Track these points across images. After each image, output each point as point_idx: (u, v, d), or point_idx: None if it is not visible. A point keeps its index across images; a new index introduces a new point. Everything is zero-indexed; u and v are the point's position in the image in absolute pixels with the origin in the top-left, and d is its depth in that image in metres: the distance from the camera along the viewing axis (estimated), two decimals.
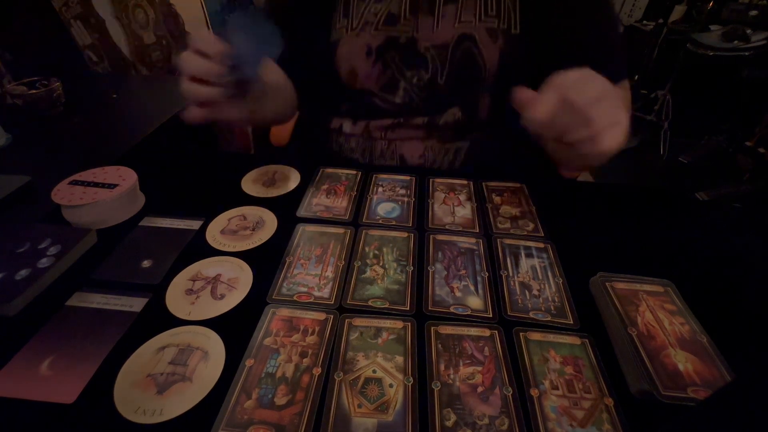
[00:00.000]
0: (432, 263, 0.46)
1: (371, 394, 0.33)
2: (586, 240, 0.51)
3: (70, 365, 0.34)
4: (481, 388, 0.34)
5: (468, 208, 0.55)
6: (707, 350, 0.36)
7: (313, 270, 0.45)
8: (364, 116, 0.67)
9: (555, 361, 0.36)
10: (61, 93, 0.86)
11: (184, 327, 0.38)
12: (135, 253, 0.46)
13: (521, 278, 0.44)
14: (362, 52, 0.60)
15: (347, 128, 0.68)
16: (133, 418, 0.31)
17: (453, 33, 0.58)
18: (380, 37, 0.60)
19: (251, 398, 0.32)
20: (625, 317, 0.39)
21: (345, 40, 0.61)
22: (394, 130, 0.65)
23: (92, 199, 0.49)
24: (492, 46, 0.57)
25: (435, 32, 0.59)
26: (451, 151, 0.65)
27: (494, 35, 0.57)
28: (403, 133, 0.65)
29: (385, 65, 0.61)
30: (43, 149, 0.75)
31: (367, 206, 0.55)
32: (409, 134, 0.65)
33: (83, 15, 1.24)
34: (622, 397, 0.33)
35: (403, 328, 0.38)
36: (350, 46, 0.61)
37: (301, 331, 0.38)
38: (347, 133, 0.68)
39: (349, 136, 0.68)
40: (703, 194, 1.65)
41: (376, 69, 0.61)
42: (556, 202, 0.57)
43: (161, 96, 1.02)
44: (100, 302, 0.40)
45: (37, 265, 0.42)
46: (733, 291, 0.45)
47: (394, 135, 0.65)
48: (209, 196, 0.57)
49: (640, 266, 0.45)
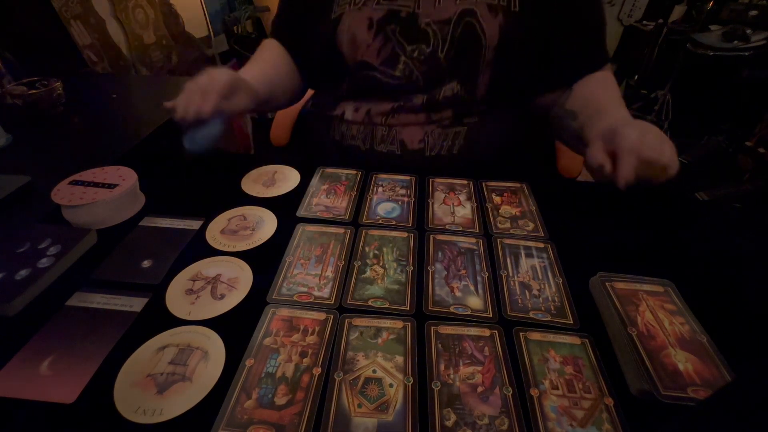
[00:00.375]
0: (432, 263, 0.46)
1: (371, 394, 0.33)
2: (586, 240, 0.51)
3: (70, 365, 0.34)
4: (481, 388, 0.34)
5: (468, 208, 0.55)
6: (707, 350, 0.36)
7: (313, 270, 0.45)
8: (365, 94, 0.68)
9: (555, 360, 0.36)
10: (61, 93, 0.85)
11: (184, 327, 0.38)
12: (135, 253, 0.46)
13: (521, 278, 0.44)
14: (363, 24, 0.62)
15: (349, 115, 0.69)
16: (133, 418, 0.31)
17: (455, 9, 0.59)
18: (381, 11, 0.61)
19: (251, 398, 0.32)
20: (625, 317, 0.39)
21: (347, 15, 0.63)
22: (394, 116, 0.66)
23: (92, 199, 0.49)
24: (492, 21, 0.59)
25: (436, 8, 0.60)
26: (450, 136, 0.66)
27: (494, 11, 0.59)
28: (403, 118, 0.66)
29: (386, 38, 0.62)
30: (43, 149, 0.75)
31: (367, 206, 0.55)
32: (409, 119, 0.66)
33: (83, 15, 1.24)
34: (622, 397, 0.34)
35: (403, 328, 0.38)
36: (352, 20, 0.62)
37: (301, 331, 0.38)
38: (349, 120, 0.70)
39: (351, 123, 0.70)
40: (703, 194, 1.65)
41: (377, 42, 0.62)
42: (556, 202, 0.57)
43: (161, 96, 1.02)
44: (100, 302, 0.40)
45: (37, 265, 0.42)
46: (733, 291, 0.45)
47: (395, 120, 0.67)
48: (209, 196, 0.57)
49: (640, 266, 0.45)
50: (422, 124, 0.66)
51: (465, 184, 0.60)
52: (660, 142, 0.44)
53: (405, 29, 0.61)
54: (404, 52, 0.62)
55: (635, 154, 0.43)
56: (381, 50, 0.63)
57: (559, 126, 0.66)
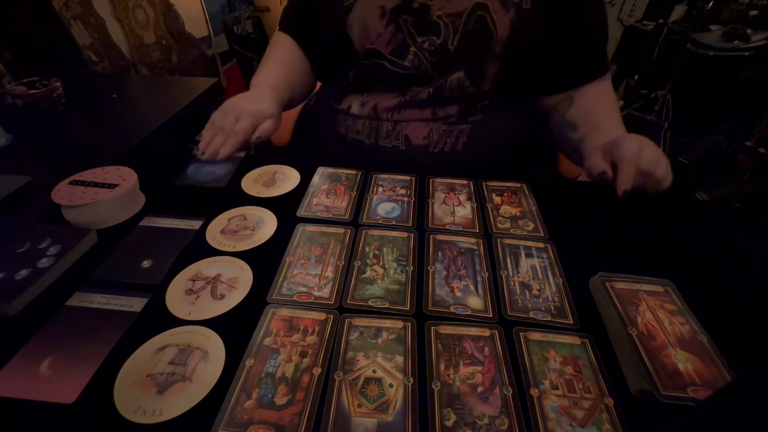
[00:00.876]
0: (432, 263, 0.46)
1: (371, 394, 0.33)
2: (586, 240, 0.51)
3: (70, 365, 0.34)
4: (481, 388, 0.34)
5: (468, 208, 0.55)
6: (707, 350, 0.36)
7: (313, 270, 0.45)
8: (372, 86, 0.69)
9: (555, 361, 0.36)
10: (61, 93, 0.85)
11: (184, 327, 0.38)
12: (135, 253, 0.46)
13: (521, 278, 0.44)
14: (376, 13, 0.62)
15: (355, 109, 0.70)
16: (133, 418, 0.31)
17: (468, 2, 0.60)
18: (394, 1, 0.62)
19: (251, 398, 0.32)
20: (625, 317, 0.39)
21: (360, 3, 0.63)
22: (400, 111, 0.67)
23: (92, 199, 0.49)
24: (504, 16, 0.59)
25: (449, 1, 0.61)
26: (454, 133, 0.67)
27: (507, 6, 0.59)
28: (409, 114, 0.67)
29: (397, 28, 0.62)
30: (43, 149, 0.75)
31: (367, 206, 0.55)
32: (415, 115, 0.67)
33: (83, 15, 1.24)
34: (622, 397, 0.34)
35: (403, 328, 0.38)
36: (364, 8, 0.63)
37: (301, 331, 0.38)
38: (355, 114, 0.70)
39: (357, 118, 0.70)
40: (703, 194, 1.65)
41: (388, 31, 0.63)
42: (556, 202, 0.57)
43: (161, 96, 1.02)
44: (100, 302, 0.40)
45: (37, 265, 0.42)
46: (733, 291, 0.45)
47: (401, 116, 0.67)
48: (209, 196, 0.57)
49: (640, 266, 0.45)
50: (427, 120, 0.67)
51: (465, 184, 0.60)
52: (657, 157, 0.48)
53: (417, 20, 0.62)
54: (414, 43, 0.62)
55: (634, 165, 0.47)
56: (391, 39, 0.63)
57: (559, 136, 0.68)
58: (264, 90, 0.65)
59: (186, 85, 1.06)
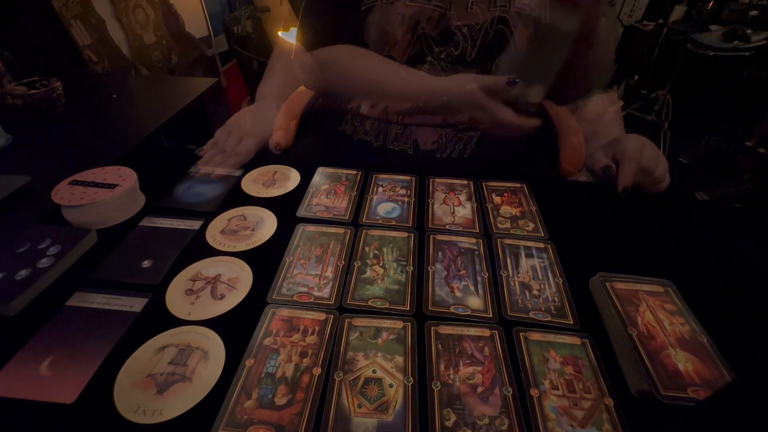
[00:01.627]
0: (432, 263, 0.46)
1: (371, 394, 0.33)
2: (586, 240, 0.51)
3: (70, 365, 0.34)
4: (481, 388, 0.34)
5: (468, 208, 0.55)
6: (707, 350, 0.36)
7: (313, 270, 0.45)
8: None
9: (555, 361, 0.36)
10: (61, 93, 0.85)
11: (184, 327, 0.38)
12: (135, 253, 0.46)
13: (521, 278, 0.44)
14: (395, 20, 0.62)
15: (365, 110, 0.69)
16: (133, 418, 0.31)
17: (487, 15, 0.59)
18: (414, 8, 0.61)
19: (251, 398, 0.32)
20: (625, 317, 0.39)
21: (378, 8, 0.62)
22: (411, 115, 0.66)
23: (92, 199, 0.49)
24: (523, 30, 0.59)
25: (468, 12, 0.60)
26: (463, 140, 0.67)
27: (526, 21, 0.59)
28: (419, 118, 0.66)
29: (415, 37, 0.62)
30: (43, 149, 0.75)
31: (367, 206, 0.55)
32: (426, 120, 0.66)
33: (83, 15, 1.24)
34: (622, 397, 0.33)
35: (403, 328, 0.38)
36: (383, 13, 0.62)
37: (301, 331, 0.38)
38: (364, 114, 0.69)
39: (366, 119, 0.69)
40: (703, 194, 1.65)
41: (405, 39, 0.62)
42: (556, 202, 0.57)
43: (161, 96, 1.02)
44: (100, 302, 0.40)
45: (37, 265, 0.42)
46: (733, 291, 0.45)
47: (411, 120, 0.67)
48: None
49: (640, 266, 0.45)
50: (437, 126, 0.66)
51: (465, 184, 0.60)
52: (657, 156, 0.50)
53: (435, 30, 0.61)
54: (431, 53, 0.62)
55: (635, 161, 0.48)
56: (408, 48, 0.63)
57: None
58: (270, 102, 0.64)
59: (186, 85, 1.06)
